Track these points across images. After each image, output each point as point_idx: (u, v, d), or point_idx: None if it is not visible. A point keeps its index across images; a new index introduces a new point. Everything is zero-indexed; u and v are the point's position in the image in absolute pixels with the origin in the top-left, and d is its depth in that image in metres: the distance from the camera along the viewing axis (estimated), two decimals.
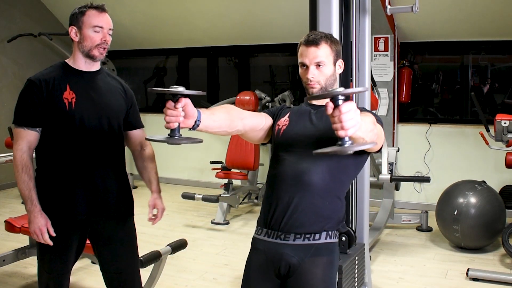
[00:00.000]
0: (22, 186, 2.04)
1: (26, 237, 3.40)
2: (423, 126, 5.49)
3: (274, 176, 1.85)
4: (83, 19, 2.05)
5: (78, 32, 2.07)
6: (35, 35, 6.18)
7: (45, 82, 2.04)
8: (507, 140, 3.79)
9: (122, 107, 2.22)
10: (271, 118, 1.94)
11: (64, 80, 2.07)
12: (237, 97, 5.51)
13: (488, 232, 3.96)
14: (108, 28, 2.09)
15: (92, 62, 2.12)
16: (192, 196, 4.97)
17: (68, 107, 2.04)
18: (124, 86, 2.27)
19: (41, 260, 2.19)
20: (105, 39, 2.08)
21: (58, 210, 2.08)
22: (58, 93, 2.04)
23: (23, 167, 2.05)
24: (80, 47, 2.09)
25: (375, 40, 5.33)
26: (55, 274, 2.16)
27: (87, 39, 2.06)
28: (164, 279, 3.24)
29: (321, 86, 1.86)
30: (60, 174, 2.09)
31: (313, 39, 1.83)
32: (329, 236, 1.80)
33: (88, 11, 2.06)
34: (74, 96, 2.06)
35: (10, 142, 5.45)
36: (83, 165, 2.09)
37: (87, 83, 2.11)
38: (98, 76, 2.16)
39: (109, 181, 2.16)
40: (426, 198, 5.40)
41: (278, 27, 5.75)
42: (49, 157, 2.11)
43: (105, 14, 2.10)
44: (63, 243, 2.11)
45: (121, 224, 2.23)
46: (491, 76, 5.68)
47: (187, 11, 5.98)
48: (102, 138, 2.12)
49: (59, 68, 2.12)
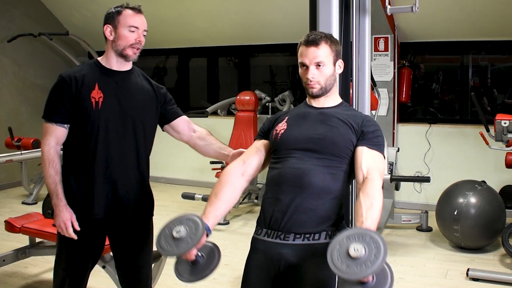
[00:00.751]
0: (48, 180, 2.06)
1: (26, 237, 3.40)
2: (423, 126, 5.49)
3: (274, 177, 1.85)
4: (119, 18, 2.07)
5: (113, 31, 2.08)
6: (35, 35, 6.17)
7: (75, 79, 2.05)
8: (507, 140, 3.79)
9: (150, 109, 2.21)
10: (263, 136, 1.97)
11: (94, 79, 2.08)
12: (237, 97, 5.51)
13: (488, 232, 3.96)
14: (143, 29, 2.11)
15: (124, 62, 2.13)
16: (192, 196, 4.97)
17: (94, 106, 2.05)
18: (154, 86, 2.25)
19: (58, 257, 2.19)
20: (139, 40, 2.09)
21: (77, 208, 2.09)
22: (86, 92, 2.05)
23: (50, 162, 2.05)
24: (113, 46, 2.10)
25: (375, 40, 5.33)
26: (71, 272, 2.15)
27: (122, 38, 2.07)
28: (164, 279, 3.23)
29: (321, 86, 1.87)
30: (82, 172, 2.09)
31: (313, 39, 1.83)
32: (328, 236, 1.79)
33: (124, 11, 2.08)
34: (102, 96, 2.06)
35: (10, 142, 5.45)
36: (105, 165, 2.09)
37: (116, 83, 2.11)
38: (128, 76, 2.16)
39: (130, 183, 2.16)
40: (426, 198, 5.40)
41: (278, 27, 5.75)
42: (73, 155, 2.11)
43: (141, 15, 2.11)
44: (81, 241, 2.11)
45: (139, 224, 2.24)
46: (491, 76, 5.68)
47: (187, 11, 5.98)
48: (125, 141, 2.12)
49: (91, 66, 2.13)
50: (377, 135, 1.84)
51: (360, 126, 1.83)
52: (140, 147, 2.18)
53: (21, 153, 5.01)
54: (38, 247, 3.42)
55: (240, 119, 5.43)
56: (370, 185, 1.64)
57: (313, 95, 1.90)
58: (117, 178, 2.12)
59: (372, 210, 1.56)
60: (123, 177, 2.13)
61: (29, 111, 6.73)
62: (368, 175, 1.69)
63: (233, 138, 5.40)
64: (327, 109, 1.91)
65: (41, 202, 4.22)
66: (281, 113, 2.02)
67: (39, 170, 5.88)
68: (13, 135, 5.46)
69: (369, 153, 1.77)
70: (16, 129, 5.76)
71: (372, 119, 1.94)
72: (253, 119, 5.38)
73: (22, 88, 6.67)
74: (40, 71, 6.88)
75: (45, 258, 3.70)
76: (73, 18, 6.69)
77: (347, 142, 1.81)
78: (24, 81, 6.71)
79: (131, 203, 2.17)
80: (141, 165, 2.20)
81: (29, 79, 6.76)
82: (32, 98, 6.78)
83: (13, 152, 5.04)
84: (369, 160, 1.75)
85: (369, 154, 1.77)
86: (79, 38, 6.37)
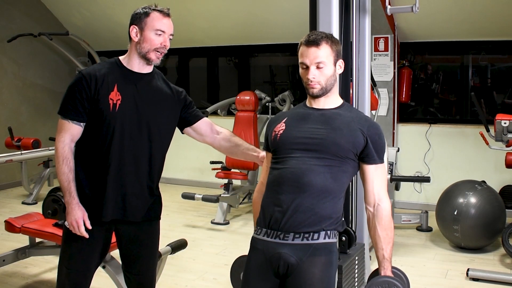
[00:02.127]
0: (62, 177, 2.02)
1: (26, 237, 3.40)
2: (423, 126, 5.49)
3: (274, 177, 1.85)
4: (146, 20, 2.03)
5: (139, 33, 2.04)
6: (35, 35, 6.16)
7: (95, 78, 2.01)
8: (507, 140, 3.79)
9: (168, 113, 2.17)
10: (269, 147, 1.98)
11: (114, 80, 2.04)
12: (237, 97, 5.51)
13: (488, 232, 3.96)
14: (169, 33, 2.07)
15: (145, 65, 2.10)
16: (192, 196, 4.97)
17: (111, 108, 2.02)
18: (174, 90, 2.21)
19: (62, 256, 2.17)
20: (164, 44, 2.05)
21: (86, 208, 2.07)
22: (105, 92, 2.01)
23: (63, 159, 2.02)
24: (137, 48, 2.05)
25: (375, 40, 5.34)
26: (74, 271, 2.13)
27: (147, 41, 2.03)
28: (164, 279, 3.24)
29: (321, 86, 1.87)
30: (93, 173, 2.07)
31: (313, 39, 1.83)
32: (327, 236, 1.80)
33: (152, 13, 2.03)
34: (120, 98, 2.03)
35: (10, 142, 5.45)
36: (117, 168, 2.07)
37: (135, 86, 2.07)
38: (148, 79, 2.12)
39: (140, 188, 2.13)
40: (426, 198, 5.39)
41: (278, 27, 5.75)
42: (86, 154, 2.08)
43: (168, 19, 2.07)
44: (87, 242, 2.09)
45: (146, 227, 2.22)
46: (491, 76, 5.68)
47: (187, 11, 5.98)
48: (139, 145, 2.09)
49: (111, 65, 2.09)
50: (382, 144, 1.90)
51: (367, 132, 1.85)
52: (154, 151, 2.14)
53: (21, 153, 5.02)
54: (38, 247, 3.42)
55: (240, 119, 5.43)
56: (383, 215, 1.87)
57: (314, 95, 1.90)
58: (128, 182, 2.09)
59: (388, 240, 1.87)
60: (134, 182, 2.11)
61: (29, 111, 6.73)
62: (380, 202, 1.88)
63: None
64: (328, 110, 1.91)
65: (41, 202, 4.22)
66: (279, 114, 2.03)
67: (39, 170, 5.88)
68: (13, 135, 5.46)
69: (377, 171, 1.87)
70: (16, 129, 5.76)
71: (374, 122, 1.95)
72: (253, 119, 5.37)
73: (22, 88, 6.67)
74: (40, 71, 6.88)
75: (45, 258, 3.70)
76: (73, 18, 6.69)
77: (350, 145, 1.82)
78: (24, 81, 6.71)
79: (139, 207, 2.15)
80: (153, 170, 2.16)
81: (29, 79, 6.76)
82: (32, 98, 6.79)
83: (13, 152, 5.04)
84: (379, 180, 1.88)
85: (378, 173, 1.87)
86: (79, 38, 6.37)
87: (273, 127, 1.94)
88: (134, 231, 2.19)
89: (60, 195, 4.00)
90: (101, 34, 6.67)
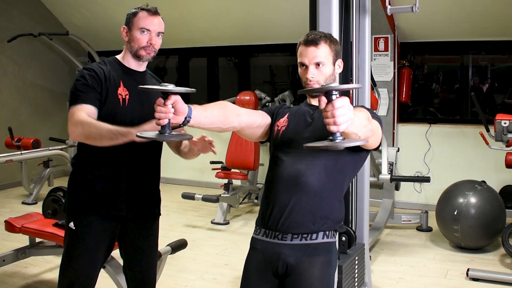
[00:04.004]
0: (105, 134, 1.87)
1: (26, 237, 3.40)
2: (423, 126, 5.49)
3: (272, 177, 1.85)
4: (133, 20, 2.07)
5: (128, 33, 2.09)
6: (35, 35, 6.17)
7: (103, 71, 2.04)
8: (507, 140, 3.79)
9: None
10: (270, 116, 1.94)
11: (118, 76, 2.08)
12: (237, 97, 5.52)
13: (488, 232, 3.96)
14: (156, 32, 2.09)
15: (140, 63, 2.14)
16: (192, 196, 4.97)
17: (122, 103, 2.05)
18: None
19: (68, 256, 2.15)
20: (150, 42, 2.08)
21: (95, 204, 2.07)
22: (113, 88, 2.04)
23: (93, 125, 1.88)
24: (128, 47, 2.11)
25: (375, 40, 5.33)
26: (82, 271, 2.12)
27: (134, 40, 2.08)
28: (164, 279, 3.24)
29: (320, 85, 1.87)
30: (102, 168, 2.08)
31: (312, 39, 1.83)
32: (326, 236, 1.80)
33: (139, 13, 2.08)
34: (128, 93, 2.07)
35: (10, 142, 5.45)
36: (129, 163, 2.09)
37: (136, 83, 2.09)
38: (145, 77, 2.18)
39: (149, 183, 2.19)
40: (426, 198, 5.39)
41: (278, 27, 5.76)
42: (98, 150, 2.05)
43: (155, 17, 2.09)
44: (95, 241, 2.10)
45: (150, 223, 2.25)
46: (491, 76, 5.68)
47: (187, 11, 5.98)
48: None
49: (111, 64, 2.12)
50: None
51: None
52: (158, 147, 2.22)
53: (21, 153, 5.02)
54: (38, 247, 3.42)
55: None
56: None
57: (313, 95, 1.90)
58: (140, 178, 2.13)
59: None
60: (144, 177, 2.16)
61: (29, 111, 6.73)
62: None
63: (233, 138, 5.40)
64: None
65: (41, 202, 4.22)
66: (284, 105, 2.02)
67: (39, 170, 5.88)
68: (13, 135, 5.46)
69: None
70: (16, 129, 5.76)
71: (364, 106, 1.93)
72: None
73: (22, 88, 6.67)
74: (40, 71, 6.88)
75: (45, 258, 3.70)
76: (73, 18, 6.70)
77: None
78: (24, 81, 6.71)
79: (149, 203, 2.20)
80: (158, 166, 2.24)
81: (29, 79, 6.76)
82: (32, 98, 6.79)
83: (13, 152, 5.05)
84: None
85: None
86: (79, 38, 6.37)
87: (279, 118, 1.93)
88: (141, 227, 2.21)
89: (60, 195, 4.00)
90: (101, 34, 6.67)
